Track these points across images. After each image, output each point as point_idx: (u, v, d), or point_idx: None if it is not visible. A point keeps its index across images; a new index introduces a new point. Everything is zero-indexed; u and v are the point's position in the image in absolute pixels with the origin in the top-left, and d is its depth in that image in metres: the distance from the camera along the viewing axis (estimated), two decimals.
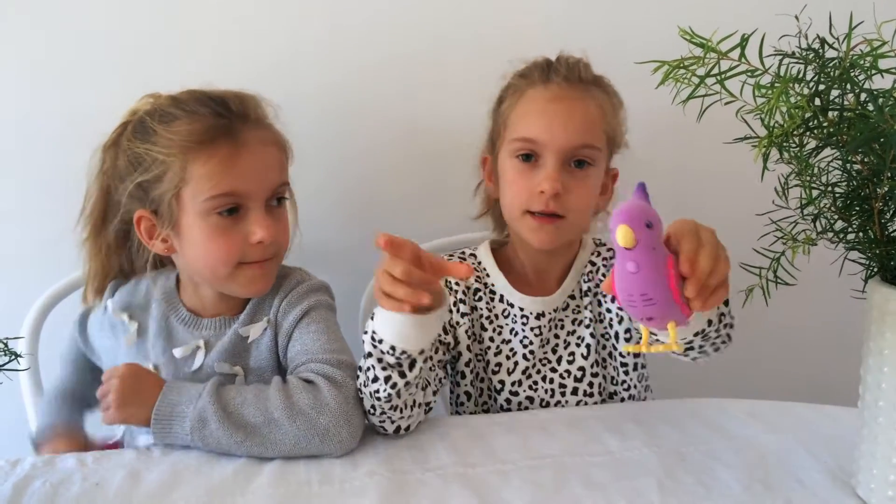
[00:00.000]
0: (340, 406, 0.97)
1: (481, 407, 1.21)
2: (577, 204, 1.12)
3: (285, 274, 1.17)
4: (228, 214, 1.05)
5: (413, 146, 1.47)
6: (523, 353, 1.18)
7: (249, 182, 1.05)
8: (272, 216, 1.08)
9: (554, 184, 1.09)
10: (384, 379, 0.96)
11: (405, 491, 0.89)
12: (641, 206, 0.75)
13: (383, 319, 0.93)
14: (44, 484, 0.91)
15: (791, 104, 0.73)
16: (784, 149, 0.80)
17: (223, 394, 0.99)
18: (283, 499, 0.88)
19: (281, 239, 1.10)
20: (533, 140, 1.11)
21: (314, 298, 1.13)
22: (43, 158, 1.40)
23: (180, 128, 1.03)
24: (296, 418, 0.95)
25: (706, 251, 0.78)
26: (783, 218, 0.88)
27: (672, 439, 1.01)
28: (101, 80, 1.38)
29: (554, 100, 1.12)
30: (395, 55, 1.44)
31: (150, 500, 0.88)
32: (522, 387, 1.18)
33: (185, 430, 0.96)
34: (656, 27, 1.20)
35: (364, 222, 1.51)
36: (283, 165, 1.11)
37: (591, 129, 1.12)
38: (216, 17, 1.39)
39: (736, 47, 0.74)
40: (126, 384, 1.00)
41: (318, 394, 0.97)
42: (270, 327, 1.12)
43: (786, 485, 0.90)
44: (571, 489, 0.89)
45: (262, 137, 1.08)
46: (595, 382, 1.18)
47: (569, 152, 1.10)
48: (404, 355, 0.94)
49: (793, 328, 1.62)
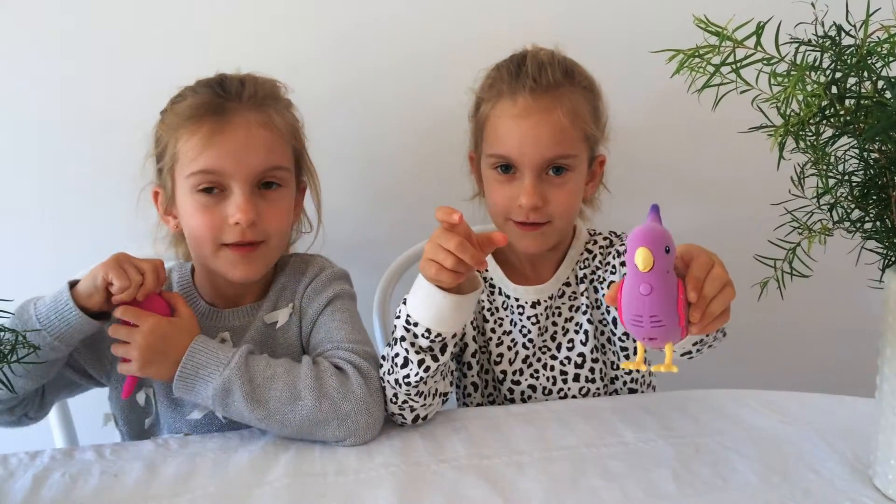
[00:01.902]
0: (364, 396, 0.98)
1: (487, 398, 1.22)
2: (558, 209, 1.12)
3: (306, 260, 1.17)
4: (209, 193, 1.04)
5: (426, 143, 1.47)
6: (523, 342, 1.19)
7: (228, 161, 1.03)
8: (260, 200, 1.06)
9: (531, 199, 1.09)
10: (417, 363, 0.98)
11: (420, 482, 0.90)
12: (661, 231, 0.76)
13: (421, 302, 0.96)
14: (63, 476, 0.92)
15: (807, 92, 0.73)
16: (800, 138, 0.79)
17: (252, 364, 0.98)
18: (298, 490, 0.89)
19: (268, 225, 1.06)
20: (507, 157, 1.11)
21: (339, 287, 1.13)
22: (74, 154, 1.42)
23: (181, 105, 1.06)
24: (321, 400, 0.96)
25: (713, 278, 0.80)
26: (799, 208, 0.87)
27: (688, 430, 1.01)
28: (120, 79, 1.39)
29: (522, 116, 1.10)
30: (412, 55, 1.45)
31: (168, 490, 0.89)
32: (524, 375, 1.19)
33: (208, 395, 0.96)
34: (670, 16, 1.20)
35: (378, 218, 1.52)
36: (275, 149, 1.07)
37: (563, 139, 1.10)
38: (239, 17, 1.41)
39: (752, 35, 0.73)
40: (150, 342, 0.96)
41: (347, 381, 0.98)
42: (295, 313, 1.12)
43: (803, 475, 0.89)
44: (588, 480, 0.89)
45: (252, 118, 1.05)
46: (596, 368, 1.19)
47: (543, 165, 1.10)
48: (438, 338, 0.97)
49: (809, 319, 1.61)
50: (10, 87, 1.39)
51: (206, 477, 0.92)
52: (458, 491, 0.88)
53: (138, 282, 0.96)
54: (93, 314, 0.97)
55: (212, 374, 0.96)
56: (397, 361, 0.99)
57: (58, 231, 1.45)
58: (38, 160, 1.42)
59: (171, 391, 1.06)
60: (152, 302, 0.98)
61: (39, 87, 1.39)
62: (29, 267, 1.42)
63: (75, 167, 1.42)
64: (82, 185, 1.43)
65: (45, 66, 1.38)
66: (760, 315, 1.03)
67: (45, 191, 1.43)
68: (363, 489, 0.88)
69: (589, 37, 1.17)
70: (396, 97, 1.48)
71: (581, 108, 1.12)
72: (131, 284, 0.95)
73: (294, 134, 1.12)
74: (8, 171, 1.42)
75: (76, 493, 0.89)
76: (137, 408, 1.12)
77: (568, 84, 1.12)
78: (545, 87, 1.10)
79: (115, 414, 1.14)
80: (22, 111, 1.40)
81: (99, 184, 1.41)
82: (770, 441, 0.97)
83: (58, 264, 1.25)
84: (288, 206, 1.11)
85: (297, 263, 1.16)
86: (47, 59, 1.38)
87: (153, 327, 0.96)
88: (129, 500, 0.88)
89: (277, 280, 1.15)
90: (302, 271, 1.15)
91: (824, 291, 1.43)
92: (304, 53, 1.43)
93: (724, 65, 0.75)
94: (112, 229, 1.34)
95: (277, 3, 1.42)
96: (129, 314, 0.97)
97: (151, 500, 0.87)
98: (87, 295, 0.96)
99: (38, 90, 1.39)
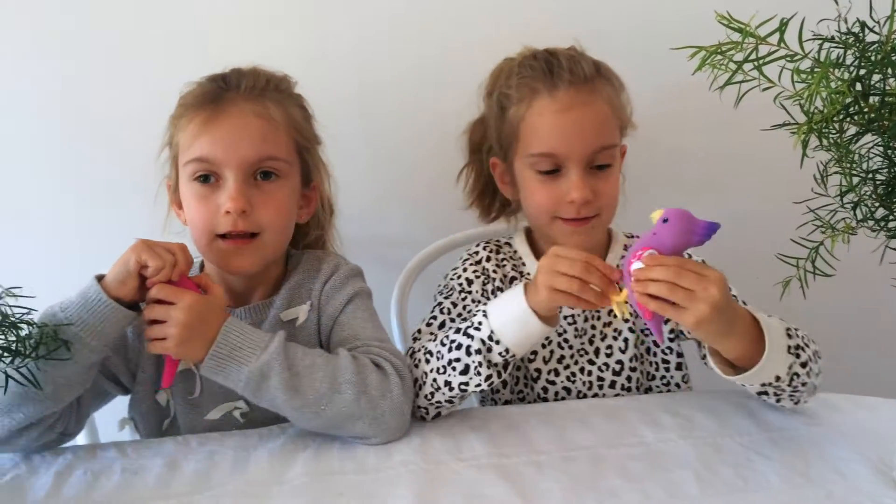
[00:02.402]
0: (400, 397, 0.98)
1: (517, 395, 1.21)
2: (606, 201, 1.12)
3: (320, 258, 1.16)
4: (206, 182, 1.04)
5: (444, 142, 1.47)
6: (558, 341, 1.18)
7: (220, 149, 1.03)
8: (255, 190, 1.05)
9: (583, 192, 1.09)
10: (485, 377, 1.00)
11: (439, 481, 0.89)
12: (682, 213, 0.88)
13: (513, 323, 0.98)
14: (85, 473, 0.93)
15: (831, 89, 0.72)
16: (823, 135, 0.78)
17: (291, 351, 0.96)
18: (318, 488, 0.89)
19: (262, 216, 1.04)
20: (553, 154, 1.10)
21: (358, 284, 1.13)
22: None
23: (185, 96, 1.08)
24: (360, 396, 0.95)
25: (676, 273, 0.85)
26: (822, 206, 0.86)
27: (709, 430, 1.00)
28: (134, 77, 1.41)
29: (565, 110, 1.09)
30: (427, 53, 1.46)
31: (188, 488, 0.90)
32: (560, 377, 1.17)
33: (241, 378, 0.93)
34: (692, 12, 1.19)
35: (393, 216, 1.52)
36: (270, 139, 1.06)
37: (605, 129, 1.11)
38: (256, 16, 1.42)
39: (774, 32, 0.72)
40: (189, 319, 0.92)
41: (386, 379, 0.98)
42: (313, 310, 1.11)
43: (826, 477, 0.88)
44: (608, 481, 0.88)
45: (248, 107, 1.05)
46: (633, 377, 1.18)
47: (590, 158, 1.10)
48: (513, 358, 1.01)
49: (832, 319, 1.59)
50: (24, 87, 1.41)
51: (225, 475, 0.92)
52: (477, 490, 0.87)
53: (171, 261, 0.94)
54: (126, 305, 0.94)
55: (247, 357, 0.93)
56: (456, 367, 1.00)
57: (77, 230, 1.47)
58: (59, 159, 1.44)
59: (188, 391, 1.07)
60: (184, 283, 0.96)
61: (64, 87, 1.41)
62: (43, 267, 1.43)
63: (90, 167, 1.45)
64: (99, 181, 1.45)
65: (67, 64, 1.40)
66: (782, 314, 1.02)
67: (61, 189, 1.46)
68: (382, 487, 0.89)
69: (610, 33, 1.17)
70: (415, 95, 1.48)
71: (614, 99, 1.13)
72: (165, 264, 0.93)
73: (297, 128, 1.10)
74: (23, 170, 1.44)
75: (98, 490, 0.90)
76: (157, 409, 1.11)
77: (600, 78, 1.13)
78: (583, 80, 1.11)
79: (135, 417, 1.13)
80: (37, 109, 1.42)
81: (124, 178, 1.43)
82: (792, 442, 0.97)
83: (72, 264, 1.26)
84: (285, 198, 1.08)
85: (311, 261, 1.15)
86: (68, 57, 1.40)
87: (192, 303, 0.93)
88: (149, 497, 0.88)
89: (291, 277, 1.13)
90: (317, 269, 1.14)
91: (847, 291, 1.42)
92: (317, 52, 1.43)
93: (746, 62, 0.74)
94: (133, 223, 1.34)
95: (289, 2, 1.43)
96: (166, 292, 0.93)
97: (172, 497, 0.88)
98: (120, 282, 0.92)
99: (64, 89, 1.41)
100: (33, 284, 0.96)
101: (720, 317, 0.86)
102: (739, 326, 0.90)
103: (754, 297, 1.12)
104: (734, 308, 0.90)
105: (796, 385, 0.95)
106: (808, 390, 0.98)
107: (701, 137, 1.51)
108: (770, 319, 0.95)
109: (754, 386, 0.95)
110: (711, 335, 0.90)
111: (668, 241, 0.87)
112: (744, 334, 0.91)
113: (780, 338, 0.93)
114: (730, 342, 0.91)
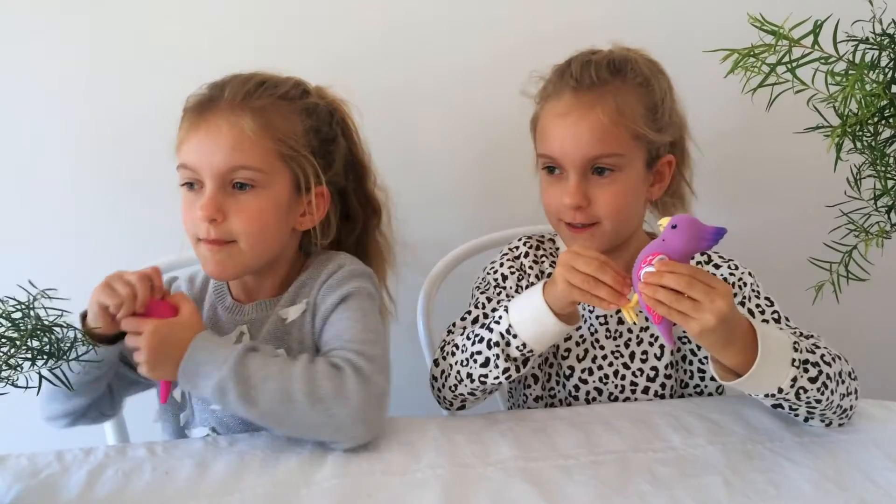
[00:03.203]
0: (360, 402, 0.95)
1: (548, 391, 1.20)
2: (605, 210, 1.11)
3: (328, 258, 1.15)
4: (192, 188, 1.07)
5: (472, 145, 1.47)
6: (591, 340, 1.17)
7: (196, 156, 1.05)
8: (229, 199, 1.05)
9: (573, 198, 1.09)
10: (503, 370, 1.03)
11: (467, 484, 0.89)
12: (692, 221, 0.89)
13: (530, 319, 1.01)
14: (116, 472, 0.94)
15: (866, 92, 0.71)
16: (858, 138, 0.77)
17: (248, 364, 0.97)
18: (346, 489, 0.89)
19: (234, 226, 1.05)
20: (551, 157, 1.12)
21: (355, 284, 1.10)
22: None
23: (186, 101, 1.10)
24: (315, 405, 0.94)
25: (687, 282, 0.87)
26: (855, 210, 0.85)
27: (738, 436, 0.99)
28: (158, 76, 1.42)
29: (562, 114, 1.10)
30: (461, 56, 1.46)
31: (217, 489, 0.90)
32: (593, 376, 1.16)
33: (209, 392, 0.96)
34: (724, 14, 1.18)
35: (419, 220, 1.52)
36: (240, 149, 1.04)
37: (604, 137, 1.08)
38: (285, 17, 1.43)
39: (809, 34, 0.71)
40: (153, 345, 0.97)
41: (343, 383, 0.96)
42: (309, 310, 1.11)
43: (858, 484, 0.87)
44: (636, 486, 0.88)
45: (224, 117, 1.05)
46: (668, 384, 1.16)
47: (585, 164, 1.10)
48: (531, 354, 1.03)
49: (865, 324, 1.57)
50: (51, 87, 1.43)
51: (255, 475, 0.93)
52: (504, 494, 0.87)
53: (130, 295, 0.98)
54: (112, 337, 1.01)
55: (210, 373, 0.96)
56: (477, 359, 1.03)
57: (106, 229, 1.49)
58: (88, 160, 1.46)
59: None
60: (157, 308, 1.01)
61: (88, 87, 1.43)
62: (62, 267, 1.44)
63: (117, 166, 1.47)
64: (125, 180, 1.47)
65: (95, 64, 1.42)
66: (815, 319, 1.01)
67: (91, 189, 1.48)
68: (410, 490, 0.88)
69: (638, 37, 1.16)
70: (441, 99, 1.48)
71: (629, 107, 1.10)
72: (124, 300, 0.97)
73: (280, 137, 1.08)
74: (52, 170, 1.46)
75: (129, 489, 0.91)
76: (173, 401, 1.14)
77: (617, 82, 1.10)
78: (587, 86, 1.10)
79: (158, 411, 1.17)
80: (63, 109, 1.44)
81: (148, 178, 1.44)
82: (824, 448, 0.95)
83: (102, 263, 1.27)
84: (259, 208, 1.06)
85: (320, 261, 1.15)
86: (96, 57, 1.42)
87: (152, 331, 0.97)
88: (179, 497, 0.89)
89: (300, 276, 1.14)
90: (320, 268, 1.14)
91: (881, 295, 1.40)
92: (352, 52, 1.43)
93: (779, 64, 0.73)
94: (159, 223, 1.35)
95: (320, 3, 1.44)
96: (129, 325, 0.99)
97: (202, 497, 0.88)
98: (94, 322, 0.99)
99: (91, 89, 1.43)
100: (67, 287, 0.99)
101: (724, 328, 0.88)
102: (740, 337, 0.91)
103: (787, 301, 1.11)
104: (737, 319, 0.91)
105: (809, 400, 0.94)
106: (835, 410, 0.98)
107: (732, 142, 1.49)
108: (778, 332, 0.95)
109: (766, 398, 0.95)
110: (713, 345, 0.92)
111: (677, 246, 0.89)
112: (744, 345, 0.91)
113: (783, 350, 0.93)
114: (729, 352, 0.92)
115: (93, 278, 1.00)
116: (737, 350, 0.91)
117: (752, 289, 1.13)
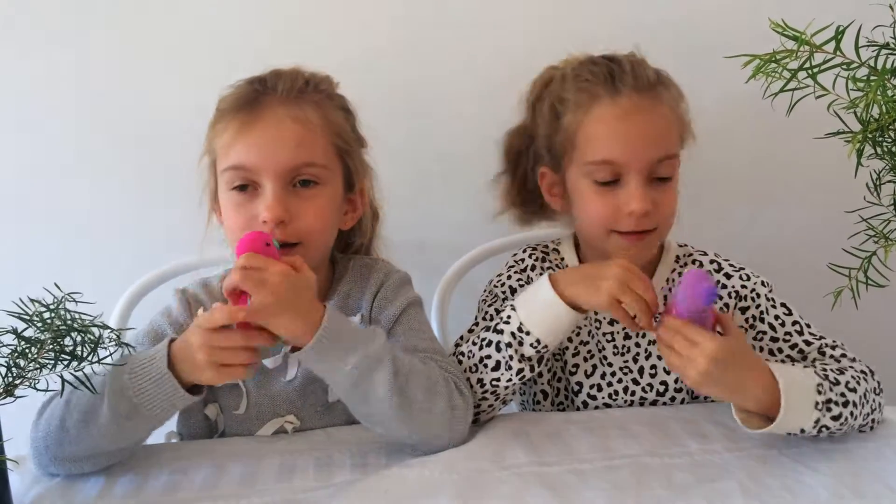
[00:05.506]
0: (468, 421, 0.99)
1: (557, 407, 1.20)
2: (665, 214, 1.08)
3: (369, 266, 1.13)
4: (243, 191, 1.01)
5: (486, 146, 1.47)
6: (599, 357, 1.16)
7: (256, 156, 0.99)
8: (293, 198, 1.00)
9: (644, 204, 1.04)
10: (517, 371, 1.01)
11: (481, 488, 0.89)
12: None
13: (541, 313, 1.01)
14: (135, 473, 0.95)
15: (888, 97, 0.71)
16: (878, 144, 0.77)
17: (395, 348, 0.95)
18: (361, 492, 0.89)
19: (302, 225, 1.00)
20: (613, 162, 1.05)
21: (410, 294, 1.10)
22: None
23: (222, 100, 1.05)
24: (447, 410, 0.95)
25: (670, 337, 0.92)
26: (875, 216, 0.85)
27: (754, 441, 0.98)
28: (178, 78, 1.43)
29: (627, 116, 1.05)
30: (475, 56, 1.46)
31: (234, 491, 0.90)
32: (602, 392, 1.15)
33: (348, 363, 0.89)
34: (744, 18, 1.18)
35: (433, 221, 1.52)
36: (307, 144, 1.01)
37: (668, 137, 1.07)
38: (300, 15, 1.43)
39: (831, 40, 0.71)
40: (282, 288, 0.86)
41: (467, 404, 0.98)
42: (364, 322, 1.08)
43: (876, 491, 0.87)
44: (652, 491, 0.88)
45: (284, 111, 1.01)
46: (678, 398, 1.16)
47: (652, 168, 1.06)
48: (545, 349, 1.02)
49: (884, 330, 1.56)
50: (66, 88, 1.43)
51: (272, 478, 0.93)
52: (519, 498, 0.87)
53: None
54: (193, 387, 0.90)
55: (355, 347, 0.90)
56: (488, 364, 1.02)
57: (122, 233, 1.49)
58: (107, 162, 1.47)
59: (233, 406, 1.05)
60: (273, 255, 0.90)
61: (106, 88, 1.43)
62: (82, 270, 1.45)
63: (137, 169, 1.47)
64: (145, 184, 1.48)
65: (110, 66, 1.43)
66: (834, 326, 1.01)
67: (115, 191, 1.48)
68: (425, 494, 0.88)
69: (660, 40, 1.15)
70: (455, 100, 1.48)
71: (676, 108, 1.10)
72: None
73: (337, 131, 1.06)
74: (69, 172, 1.47)
75: (146, 490, 0.91)
76: (206, 424, 1.09)
77: (662, 86, 1.09)
78: (646, 86, 1.07)
79: (182, 432, 1.11)
80: (80, 111, 1.44)
81: (171, 181, 1.42)
82: (842, 455, 0.95)
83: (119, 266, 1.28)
84: (326, 205, 1.04)
85: (359, 268, 1.13)
86: (112, 58, 1.42)
87: (283, 273, 0.87)
88: (196, 499, 0.89)
89: (340, 286, 1.11)
90: (366, 278, 1.11)
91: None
92: (360, 51, 1.43)
93: (801, 70, 0.73)
94: (178, 228, 1.36)
95: (337, 4, 1.44)
96: (253, 260, 0.87)
97: (220, 499, 0.89)
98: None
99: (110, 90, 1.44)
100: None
101: (710, 381, 0.90)
102: (751, 385, 0.92)
103: (805, 307, 1.11)
104: (746, 367, 0.92)
105: (831, 432, 0.95)
106: (857, 428, 0.98)
107: (751, 146, 1.49)
108: (802, 376, 0.94)
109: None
110: (712, 395, 0.95)
111: (679, 305, 0.92)
112: (759, 393, 0.92)
113: (806, 395, 0.92)
114: (740, 398, 0.93)
115: (113, 281, 0.99)
116: (748, 396, 0.92)
117: (766, 299, 1.12)
